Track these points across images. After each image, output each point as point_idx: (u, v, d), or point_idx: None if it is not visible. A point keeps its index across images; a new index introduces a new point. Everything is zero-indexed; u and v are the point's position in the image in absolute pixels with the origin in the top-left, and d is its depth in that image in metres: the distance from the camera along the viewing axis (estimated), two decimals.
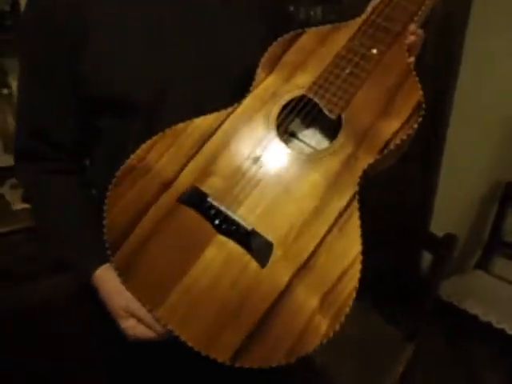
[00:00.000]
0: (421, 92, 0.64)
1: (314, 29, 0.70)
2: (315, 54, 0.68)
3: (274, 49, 0.69)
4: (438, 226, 1.99)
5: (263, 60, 0.68)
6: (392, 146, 0.61)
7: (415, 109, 0.63)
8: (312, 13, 1.91)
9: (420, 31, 0.68)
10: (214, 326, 0.57)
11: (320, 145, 0.66)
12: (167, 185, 0.62)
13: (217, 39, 0.70)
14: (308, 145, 0.67)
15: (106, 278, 0.64)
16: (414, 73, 0.65)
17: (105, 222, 0.62)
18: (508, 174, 1.82)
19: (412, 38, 0.67)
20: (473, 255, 1.91)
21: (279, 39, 0.69)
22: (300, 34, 0.69)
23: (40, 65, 0.68)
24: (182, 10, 0.69)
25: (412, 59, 0.66)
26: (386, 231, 1.39)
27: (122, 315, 0.63)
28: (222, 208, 0.60)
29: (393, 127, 0.62)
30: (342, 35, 0.68)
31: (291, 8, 1.89)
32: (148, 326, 0.61)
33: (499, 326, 1.48)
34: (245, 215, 0.60)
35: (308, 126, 0.68)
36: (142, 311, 0.60)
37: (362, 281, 0.56)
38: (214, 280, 0.58)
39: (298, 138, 0.67)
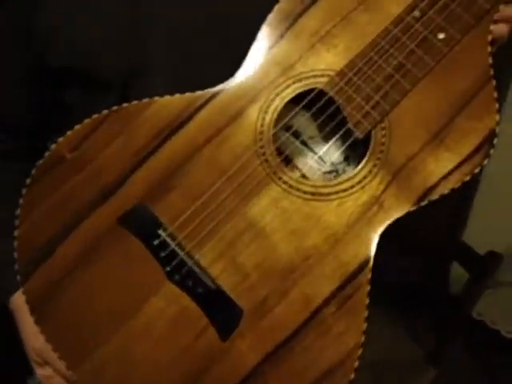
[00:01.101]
0: (497, 116, 0.42)
1: None
2: (352, 21, 0.45)
3: (288, 3, 0.46)
4: (475, 231, 1.79)
5: (271, 16, 0.46)
6: (436, 195, 0.42)
7: (485, 140, 0.42)
8: None
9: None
10: None
11: (333, 158, 0.47)
12: (107, 193, 0.44)
13: None
14: (317, 156, 0.47)
15: (25, 308, 0.47)
16: (494, 81, 0.43)
17: (16, 233, 0.45)
18: None
19: (502, 26, 0.44)
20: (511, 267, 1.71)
21: None
22: None
23: None
24: None
25: (491, 60, 0.44)
26: (411, 237, 1.21)
27: (37, 361, 0.49)
28: (178, 249, 0.42)
29: (445, 165, 0.42)
30: None
31: None
32: (67, 382, 0.46)
33: None
34: (209, 263, 0.42)
35: (321, 128, 0.47)
36: (58, 363, 0.44)
37: (377, 288, 0.43)
38: (156, 343, 0.42)
39: (303, 143, 0.48)
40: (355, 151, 0.46)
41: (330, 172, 0.47)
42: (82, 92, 0.55)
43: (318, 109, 0.45)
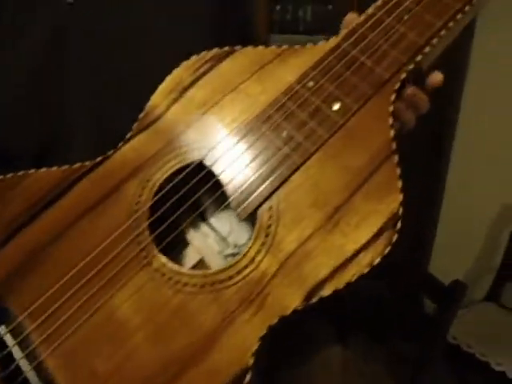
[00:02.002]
0: (400, 196, 0.37)
1: (251, 49, 0.44)
2: (243, 91, 0.42)
3: (182, 71, 0.45)
4: (441, 251, 1.79)
5: (162, 86, 0.45)
6: (329, 291, 0.35)
7: (386, 225, 0.36)
8: (301, 13, 1.71)
9: (422, 95, 0.41)
10: None
11: (236, 238, 0.42)
12: None
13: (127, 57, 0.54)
14: (218, 236, 0.42)
15: None
16: (396, 157, 0.38)
17: None
18: None
19: (411, 95, 0.40)
20: (482, 285, 1.71)
21: (194, 58, 0.45)
22: (229, 54, 0.44)
23: None
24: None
25: (393, 133, 0.38)
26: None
27: None
28: (16, 351, 0.36)
29: (340, 254, 0.36)
30: (293, 67, 0.41)
31: (277, 7, 1.70)
32: None
33: None
34: (54, 369, 0.36)
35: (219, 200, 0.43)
36: None
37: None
38: None
39: (204, 222, 0.43)
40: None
41: (233, 255, 0.42)
42: None
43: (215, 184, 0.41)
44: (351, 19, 0.44)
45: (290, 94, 0.40)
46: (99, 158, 0.43)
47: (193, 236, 0.42)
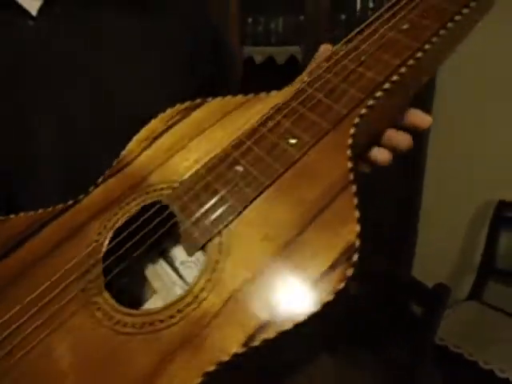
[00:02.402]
0: (357, 227, 0.34)
1: (220, 99, 0.46)
2: (208, 136, 0.45)
3: (157, 122, 0.47)
4: (423, 253, 1.81)
5: (138, 136, 0.47)
6: (271, 333, 0.32)
7: (340, 257, 0.34)
8: (273, 25, 1.72)
9: (402, 135, 0.42)
10: None
11: (187, 272, 0.42)
12: None
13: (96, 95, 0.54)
14: (174, 270, 0.42)
15: None
16: (354, 187, 0.37)
17: None
18: (499, 192, 1.65)
19: (385, 152, 0.41)
20: (464, 284, 1.73)
21: (169, 110, 0.48)
22: (200, 105, 0.47)
23: None
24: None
25: (350, 165, 0.37)
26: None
27: None
28: None
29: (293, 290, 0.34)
30: (256, 111, 0.43)
31: (249, 20, 1.71)
32: None
33: (503, 376, 1.30)
34: None
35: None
36: None
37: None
38: None
39: (170, 265, 0.43)
40: None
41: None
42: None
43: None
44: (325, 50, 0.46)
45: (250, 133, 0.42)
46: (70, 202, 0.45)
47: (152, 272, 0.42)
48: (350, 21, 1.58)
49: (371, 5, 1.53)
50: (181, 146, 0.44)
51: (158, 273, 0.42)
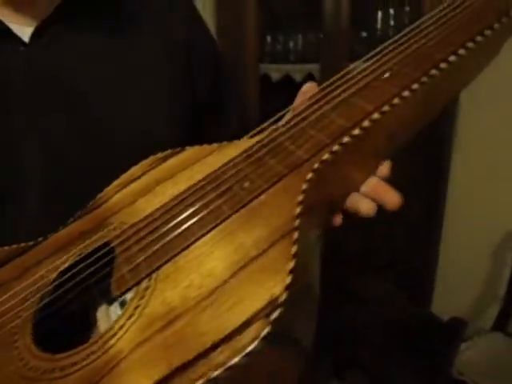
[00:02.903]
0: (287, 278, 0.30)
1: (197, 147, 0.47)
2: (175, 180, 0.45)
3: (137, 168, 0.48)
4: (446, 281, 1.74)
5: (117, 180, 0.48)
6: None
7: (257, 314, 0.29)
8: (292, 43, 1.71)
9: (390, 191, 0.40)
10: None
11: None
12: None
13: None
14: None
15: None
16: (296, 235, 0.33)
17: None
18: None
19: (369, 203, 0.39)
20: (488, 314, 1.65)
21: (151, 157, 0.49)
22: (178, 152, 0.48)
23: None
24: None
25: (299, 210, 0.35)
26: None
27: None
28: None
29: (204, 341, 0.29)
30: (225, 156, 0.43)
31: (268, 38, 1.70)
32: None
33: None
34: None
35: None
36: None
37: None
38: None
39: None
40: None
41: None
42: None
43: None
44: (309, 89, 0.45)
45: (209, 177, 0.42)
46: (40, 239, 0.45)
47: (103, 313, 0.40)
48: (372, 38, 1.55)
49: (392, 22, 1.49)
50: (148, 190, 0.45)
51: (108, 313, 0.40)
